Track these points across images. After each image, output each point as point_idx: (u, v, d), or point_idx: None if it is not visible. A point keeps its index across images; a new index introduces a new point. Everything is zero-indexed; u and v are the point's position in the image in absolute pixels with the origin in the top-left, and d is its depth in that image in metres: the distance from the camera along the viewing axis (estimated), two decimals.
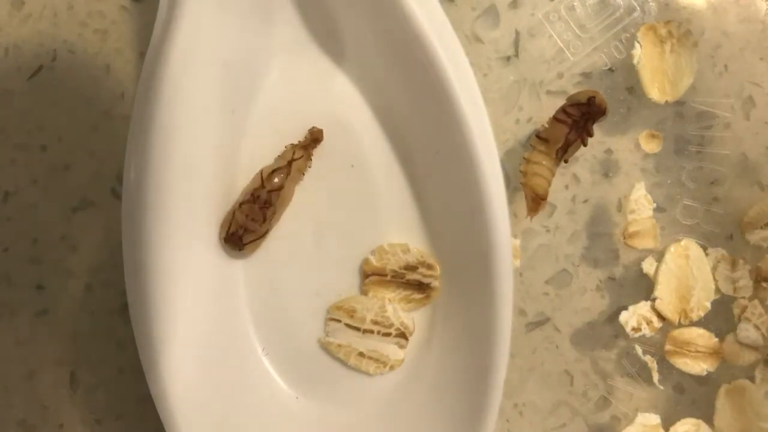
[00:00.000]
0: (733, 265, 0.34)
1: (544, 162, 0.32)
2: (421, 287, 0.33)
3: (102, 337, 0.35)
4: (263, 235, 0.32)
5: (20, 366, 0.35)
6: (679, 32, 0.34)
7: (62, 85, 0.35)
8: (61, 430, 0.35)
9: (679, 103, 0.34)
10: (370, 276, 0.33)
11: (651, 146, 0.34)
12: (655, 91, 0.34)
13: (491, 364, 0.30)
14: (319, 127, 0.33)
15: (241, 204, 0.32)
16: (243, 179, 0.33)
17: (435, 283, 0.33)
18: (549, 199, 0.35)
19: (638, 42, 0.34)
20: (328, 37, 0.33)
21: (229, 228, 0.32)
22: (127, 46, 0.35)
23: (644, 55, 0.34)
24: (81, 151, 0.35)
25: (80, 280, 0.35)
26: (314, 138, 0.33)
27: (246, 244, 0.32)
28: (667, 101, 0.34)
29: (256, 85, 0.33)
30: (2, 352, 0.35)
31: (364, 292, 0.33)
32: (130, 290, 0.30)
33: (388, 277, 0.33)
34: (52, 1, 0.35)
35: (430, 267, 0.33)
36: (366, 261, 0.33)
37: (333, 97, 0.33)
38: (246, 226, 0.32)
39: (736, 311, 0.34)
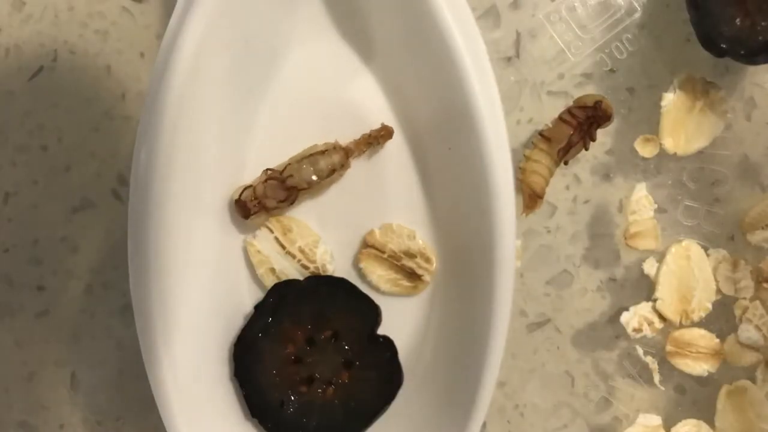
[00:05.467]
0: (735, 265, 0.34)
1: (543, 161, 0.32)
2: (412, 276, 0.33)
3: (102, 337, 0.35)
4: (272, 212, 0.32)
5: (21, 367, 0.35)
6: (716, 96, 0.34)
7: (63, 85, 0.35)
8: (61, 431, 0.35)
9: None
10: (369, 248, 0.33)
11: (647, 150, 0.34)
12: (670, 140, 0.34)
13: (484, 361, 0.30)
14: (336, 112, 0.33)
15: (268, 179, 0.32)
16: (253, 160, 0.33)
17: (426, 277, 0.33)
18: (550, 199, 0.35)
19: (675, 88, 0.34)
20: (356, 29, 0.33)
21: (241, 194, 0.32)
22: (128, 46, 0.35)
23: (675, 103, 0.34)
24: (81, 152, 0.35)
25: (81, 281, 0.35)
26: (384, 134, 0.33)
27: (253, 214, 0.32)
28: (676, 153, 0.34)
29: (276, 66, 0.33)
30: (3, 353, 0.35)
31: (357, 260, 0.33)
32: (134, 287, 0.30)
33: (385, 256, 0.33)
34: (53, 1, 0.35)
35: (427, 260, 0.33)
36: (371, 232, 0.33)
37: (351, 86, 0.33)
38: (261, 200, 0.32)
39: (738, 312, 0.34)
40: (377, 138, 0.32)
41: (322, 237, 0.33)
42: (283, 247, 0.33)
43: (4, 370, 0.35)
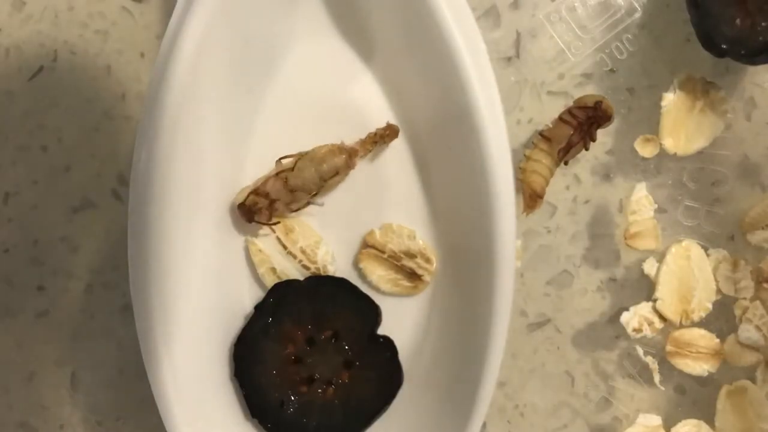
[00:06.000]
0: (735, 265, 0.34)
1: (544, 160, 0.32)
2: (413, 277, 0.33)
3: (102, 337, 0.35)
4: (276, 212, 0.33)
5: (21, 367, 0.35)
6: (716, 96, 0.34)
7: (63, 85, 0.35)
8: (61, 431, 0.35)
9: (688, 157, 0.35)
10: (369, 248, 0.33)
11: (647, 150, 0.34)
12: (670, 140, 0.34)
13: (484, 361, 0.30)
14: (336, 112, 0.33)
15: (272, 177, 0.32)
16: (253, 160, 0.33)
17: (426, 277, 0.33)
18: (550, 200, 0.35)
19: (675, 88, 0.34)
20: (356, 29, 0.33)
21: (247, 198, 0.32)
22: (128, 46, 0.35)
23: (675, 103, 0.34)
24: (82, 152, 0.35)
25: (81, 281, 0.35)
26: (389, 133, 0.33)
27: (256, 219, 0.32)
28: (676, 153, 0.34)
29: (276, 66, 0.33)
30: (3, 353, 0.35)
31: (357, 260, 0.33)
32: (134, 287, 0.30)
33: (385, 256, 0.33)
34: (53, 1, 0.35)
35: (428, 260, 0.33)
36: (370, 232, 0.33)
37: (351, 86, 0.33)
38: (269, 204, 0.32)
39: (738, 312, 0.34)
40: (383, 137, 0.32)
41: (322, 237, 0.33)
42: (284, 247, 0.33)
43: (5, 370, 0.35)
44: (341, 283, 0.33)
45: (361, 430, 0.32)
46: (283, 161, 0.32)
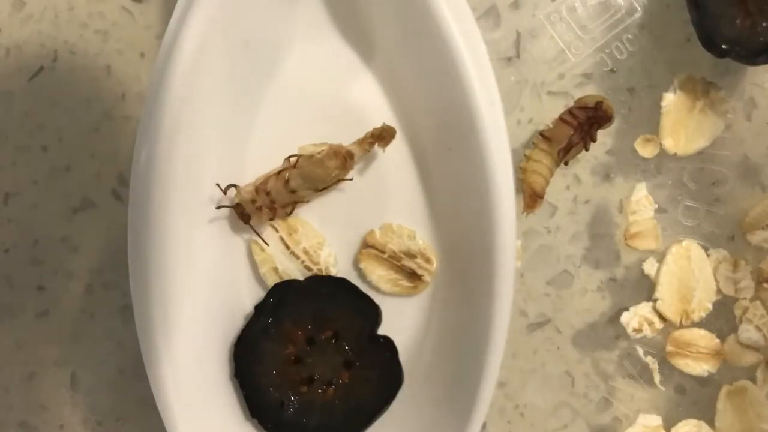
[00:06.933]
0: (735, 266, 0.34)
1: (544, 160, 0.32)
2: (413, 277, 0.33)
3: (102, 337, 0.35)
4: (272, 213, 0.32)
5: (21, 367, 0.35)
6: (716, 96, 0.34)
7: (63, 85, 0.35)
8: (61, 431, 0.35)
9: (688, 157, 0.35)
10: (369, 248, 0.33)
11: (647, 150, 0.34)
12: (670, 140, 0.34)
13: (484, 361, 0.30)
14: (336, 112, 0.33)
15: (272, 177, 0.32)
16: (253, 160, 0.33)
17: (427, 277, 0.33)
18: (550, 199, 0.35)
19: (675, 88, 0.34)
20: (356, 29, 0.33)
21: (244, 196, 0.32)
22: (128, 47, 0.35)
23: (675, 103, 0.34)
24: (82, 152, 0.35)
25: (81, 281, 0.35)
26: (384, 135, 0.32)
27: (251, 220, 0.32)
28: (676, 153, 0.34)
29: (276, 66, 0.33)
30: (3, 353, 0.35)
31: (357, 260, 0.33)
32: (134, 287, 0.30)
33: (385, 256, 0.33)
34: (53, 2, 0.35)
35: (428, 260, 0.33)
36: (371, 232, 0.33)
37: (351, 86, 0.33)
38: (269, 204, 0.32)
39: (738, 312, 0.34)
40: (379, 138, 0.32)
41: (325, 238, 0.33)
42: (287, 247, 0.33)
43: (5, 370, 0.35)
44: (341, 283, 0.33)
45: (361, 430, 0.32)
46: (288, 160, 0.32)
